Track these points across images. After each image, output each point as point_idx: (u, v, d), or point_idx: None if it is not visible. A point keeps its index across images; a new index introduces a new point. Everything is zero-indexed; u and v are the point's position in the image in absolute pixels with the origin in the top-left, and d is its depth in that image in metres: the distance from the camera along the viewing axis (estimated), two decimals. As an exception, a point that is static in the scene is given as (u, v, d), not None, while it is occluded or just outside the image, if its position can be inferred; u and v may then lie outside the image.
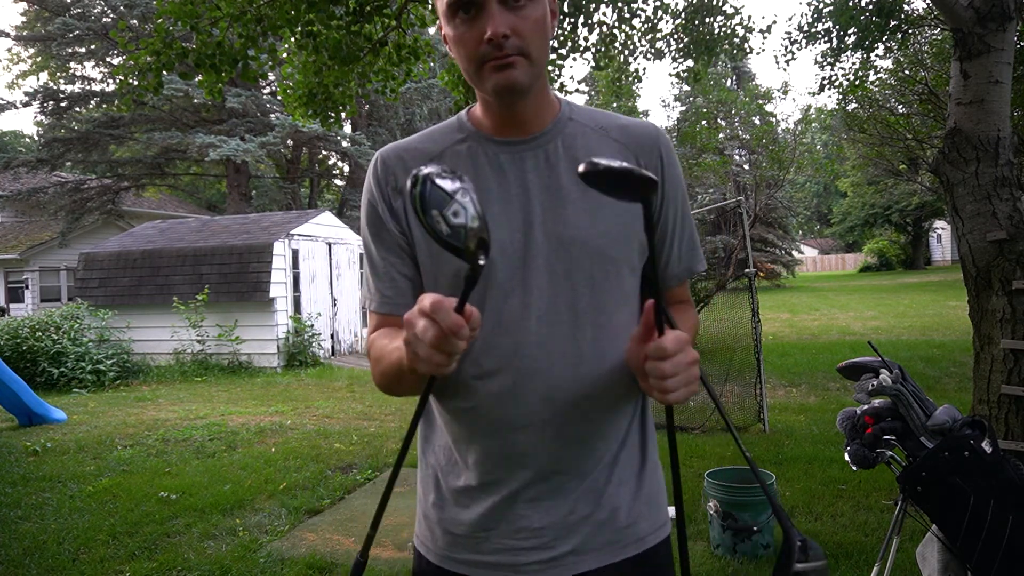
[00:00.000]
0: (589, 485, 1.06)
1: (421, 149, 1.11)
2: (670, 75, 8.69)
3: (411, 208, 0.82)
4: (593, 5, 7.04)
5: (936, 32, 10.92)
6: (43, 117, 21.05)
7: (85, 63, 21.61)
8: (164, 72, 5.49)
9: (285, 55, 6.49)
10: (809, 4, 8.17)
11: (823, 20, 8.23)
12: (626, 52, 8.31)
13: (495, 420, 1.03)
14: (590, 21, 7.16)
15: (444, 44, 1.06)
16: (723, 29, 8.03)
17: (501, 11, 0.96)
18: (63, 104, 20.20)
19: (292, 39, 5.84)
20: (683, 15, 7.92)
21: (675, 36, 8.14)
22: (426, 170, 0.81)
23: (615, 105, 11.13)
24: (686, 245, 1.17)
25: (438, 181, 0.80)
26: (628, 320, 1.08)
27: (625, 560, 1.07)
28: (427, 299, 0.83)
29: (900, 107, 14.29)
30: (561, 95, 1.16)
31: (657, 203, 1.09)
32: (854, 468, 2.14)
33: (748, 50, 8.25)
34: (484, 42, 0.96)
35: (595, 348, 1.03)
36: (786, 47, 8.80)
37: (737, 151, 23.57)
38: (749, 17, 8.03)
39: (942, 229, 38.08)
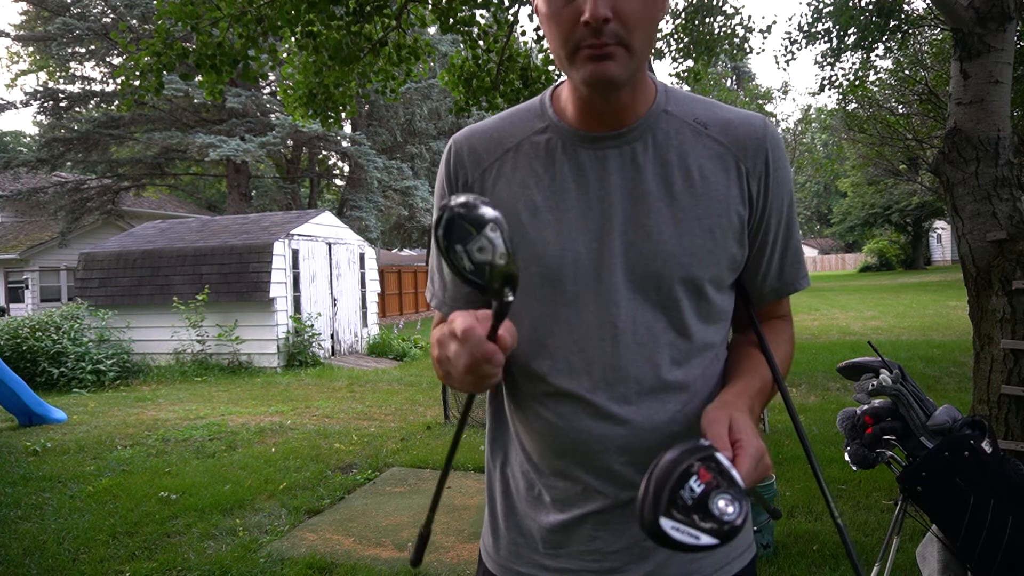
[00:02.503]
0: None
1: (497, 139, 1.01)
2: (670, 75, 8.68)
3: (434, 242, 0.76)
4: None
5: (936, 32, 10.93)
6: (43, 117, 21.07)
7: (85, 63, 21.63)
8: (165, 72, 5.49)
9: (285, 55, 6.50)
10: (809, 4, 8.18)
11: (823, 20, 8.25)
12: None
13: (568, 442, 0.97)
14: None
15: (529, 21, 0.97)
16: (723, 29, 8.04)
17: None
18: (63, 104, 20.22)
19: (292, 39, 5.85)
20: (683, 15, 7.93)
21: (675, 36, 8.15)
22: (455, 201, 0.76)
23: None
24: (789, 259, 1.04)
25: (466, 214, 0.76)
26: (716, 340, 1.00)
27: None
28: (458, 323, 0.80)
29: (900, 107, 14.31)
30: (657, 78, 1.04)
31: (756, 219, 0.99)
32: (854, 468, 2.14)
33: (748, 50, 8.27)
34: (580, 24, 0.84)
35: (676, 371, 0.96)
36: (786, 47, 8.82)
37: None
38: (749, 17, 8.05)
39: (942, 229, 38.11)
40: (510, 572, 1.05)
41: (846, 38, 8.21)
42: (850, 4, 7.60)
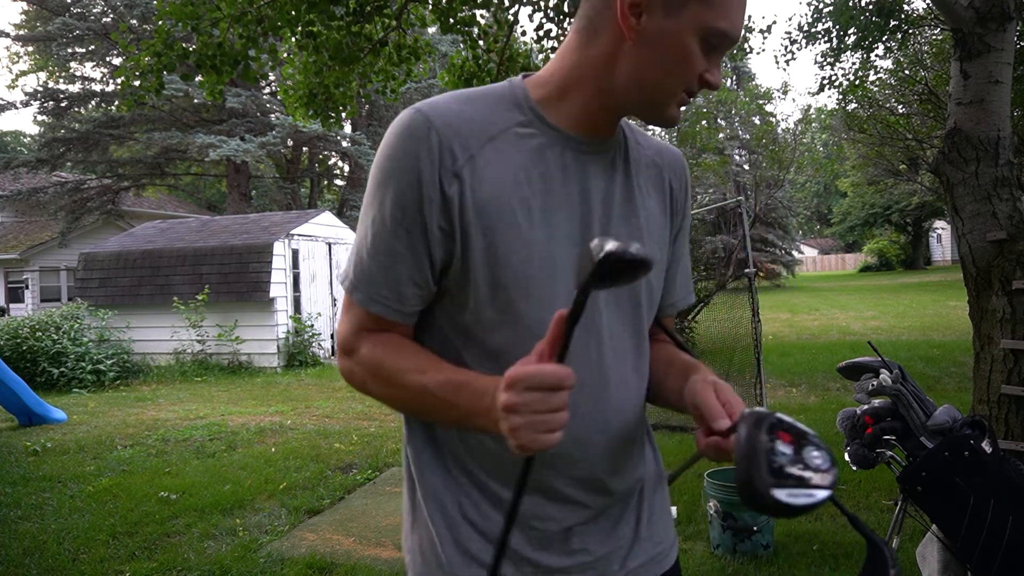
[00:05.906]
0: (633, 503, 1.06)
1: (478, 122, 0.91)
2: (670, 75, 8.67)
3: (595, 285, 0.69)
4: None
5: (936, 32, 10.92)
6: (43, 117, 21.07)
7: (85, 63, 21.63)
8: (165, 73, 5.49)
9: (286, 55, 6.50)
10: (809, 4, 8.19)
11: (823, 20, 8.25)
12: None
13: (555, 452, 0.85)
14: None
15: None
16: (723, 29, 8.03)
17: None
18: (63, 104, 20.21)
19: (293, 39, 5.85)
20: (683, 15, 7.92)
21: (675, 36, 8.14)
22: (611, 247, 0.67)
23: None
24: (684, 276, 1.14)
25: (624, 253, 0.67)
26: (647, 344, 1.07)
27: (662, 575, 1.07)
28: (553, 369, 0.74)
29: (900, 107, 14.28)
30: None
31: (672, 235, 1.09)
32: (854, 468, 2.14)
33: (748, 50, 8.27)
34: (698, 79, 0.90)
35: (638, 373, 1.02)
36: (786, 47, 8.82)
37: (737, 151, 23.56)
38: (749, 17, 8.05)
39: (942, 229, 38.08)
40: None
41: (846, 38, 8.21)
42: (850, 4, 7.60)
